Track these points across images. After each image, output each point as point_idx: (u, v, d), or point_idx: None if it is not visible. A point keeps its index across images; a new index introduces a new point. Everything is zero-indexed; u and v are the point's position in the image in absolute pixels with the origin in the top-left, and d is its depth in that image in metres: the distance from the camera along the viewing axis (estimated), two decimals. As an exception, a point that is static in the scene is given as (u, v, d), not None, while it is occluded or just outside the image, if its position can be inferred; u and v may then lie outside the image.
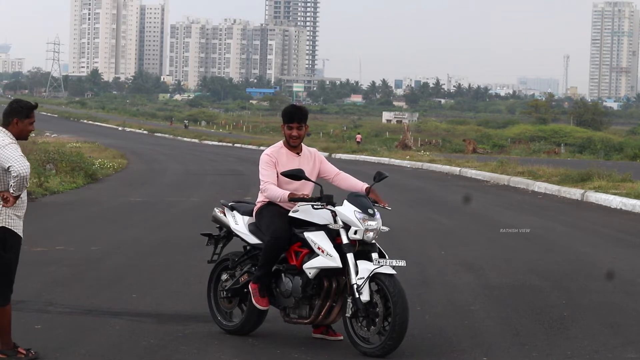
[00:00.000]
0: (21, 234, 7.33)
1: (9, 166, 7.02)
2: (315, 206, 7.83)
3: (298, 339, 8.16)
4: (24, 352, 7.34)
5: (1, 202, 7.15)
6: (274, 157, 8.18)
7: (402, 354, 7.57)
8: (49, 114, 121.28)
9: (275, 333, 8.36)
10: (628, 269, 12.47)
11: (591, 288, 10.93)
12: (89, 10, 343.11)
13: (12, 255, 7.27)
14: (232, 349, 7.83)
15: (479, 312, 9.46)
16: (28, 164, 7.12)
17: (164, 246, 13.94)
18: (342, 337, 7.99)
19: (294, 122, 8.18)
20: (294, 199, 7.94)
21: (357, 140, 70.53)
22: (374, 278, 7.50)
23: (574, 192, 24.14)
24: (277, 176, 8.12)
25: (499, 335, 8.50)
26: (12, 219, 7.23)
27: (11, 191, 7.08)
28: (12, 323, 8.49)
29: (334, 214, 7.76)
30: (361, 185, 8.14)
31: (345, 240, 7.65)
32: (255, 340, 8.12)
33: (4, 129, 7.28)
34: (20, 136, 7.32)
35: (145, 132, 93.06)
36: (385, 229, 7.89)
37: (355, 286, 7.53)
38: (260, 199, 8.26)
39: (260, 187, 8.12)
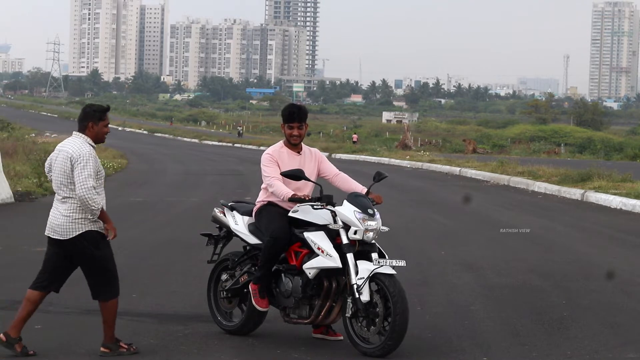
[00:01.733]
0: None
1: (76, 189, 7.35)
2: (315, 206, 7.83)
3: (298, 339, 8.16)
4: (126, 346, 7.51)
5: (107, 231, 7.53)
6: (275, 156, 8.18)
7: (402, 354, 7.57)
8: (49, 114, 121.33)
9: (275, 333, 8.36)
10: (628, 269, 12.47)
11: (591, 288, 10.94)
12: (89, 10, 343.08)
13: (107, 250, 7.58)
14: (232, 349, 7.83)
15: (479, 312, 9.46)
16: (90, 184, 7.32)
17: (164, 246, 13.93)
18: (342, 337, 7.99)
19: (295, 121, 8.18)
20: (294, 199, 7.94)
21: (354, 140, 70.43)
22: (374, 278, 7.50)
23: (574, 192, 24.14)
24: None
25: (499, 335, 8.50)
26: (97, 222, 7.54)
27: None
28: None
29: (334, 214, 7.76)
30: (361, 189, 8.13)
31: (345, 240, 7.65)
32: (255, 340, 8.12)
33: (82, 135, 7.47)
34: (97, 139, 7.53)
35: (145, 132, 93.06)
36: (385, 229, 7.89)
37: (355, 286, 7.53)
38: (260, 198, 8.26)
39: (267, 182, 8.07)
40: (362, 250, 7.70)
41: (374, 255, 7.67)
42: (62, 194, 7.48)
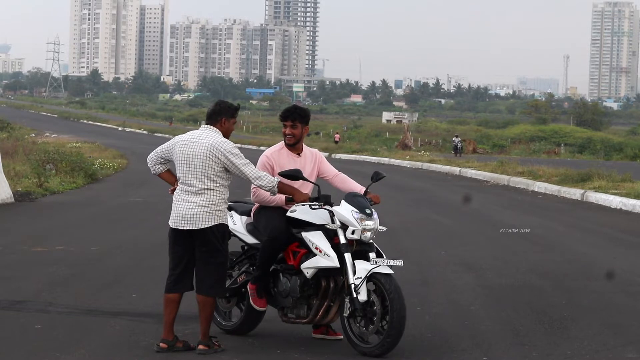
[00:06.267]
0: None
1: (249, 178, 7.56)
2: (313, 206, 7.83)
3: (298, 339, 8.16)
4: (217, 344, 7.68)
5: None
6: (272, 159, 8.18)
7: (402, 354, 7.57)
8: (49, 114, 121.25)
9: (275, 333, 8.36)
10: (628, 269, 12.47)
11: (591, 288, 10.94)
12: (89, 10, 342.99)
13: (227, 248, 7.71)
14: (232, 348, 7.82)
15: (479, 312, 9.46)
16: (254, 167, 7.57)
17: (164, 246, 13.80)
18: (342, 337, 7.98)
19: (288, 120, 8.20)
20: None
21: (336, 139, 69.14)
22: (371, 278, 7.50)
23: (574, 192, 24.15)
24: None
25: (499, 335, 8.50)
26: (226, 214, 7.67)
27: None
28: (11, 323, 8.50)
29: (332, 214, 7.76)
30: (359, 189, 8.14)
31: (342, 240, 7.65)
32: (255, 340, 8.12)
33: (214, 128, 7.61)
34: (225, 135, 7.66)
35: (145, 132, 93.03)
36: (383, 228, 7.88)
37: (352, 286, 7.53)
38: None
39: (251, 189, 8.13)
40: (360, 250, 7.70)
41: (372, 255, 7.67)
42: (199, 186, 7.58)
